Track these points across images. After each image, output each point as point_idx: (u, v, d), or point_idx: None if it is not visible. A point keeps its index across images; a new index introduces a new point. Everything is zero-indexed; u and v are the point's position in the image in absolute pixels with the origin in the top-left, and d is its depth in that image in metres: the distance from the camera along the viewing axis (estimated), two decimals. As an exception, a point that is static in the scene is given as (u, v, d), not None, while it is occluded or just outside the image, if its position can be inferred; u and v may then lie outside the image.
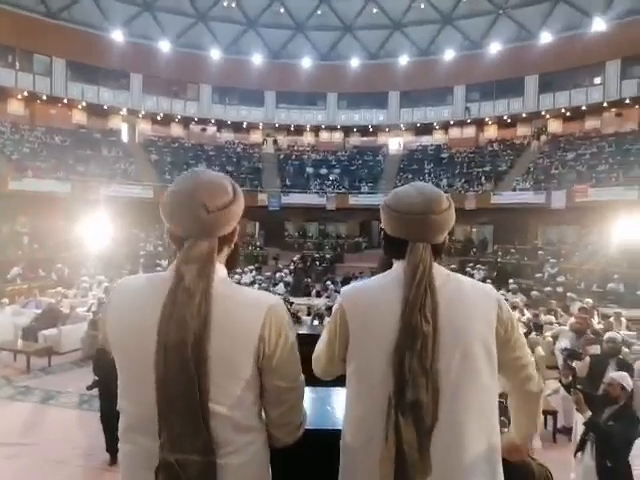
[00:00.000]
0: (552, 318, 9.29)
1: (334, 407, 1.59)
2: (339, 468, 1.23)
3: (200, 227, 1.06)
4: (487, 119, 25.30)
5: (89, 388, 5.15)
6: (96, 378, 5.00)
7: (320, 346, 1.33)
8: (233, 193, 1.11)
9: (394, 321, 1.11)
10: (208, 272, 1.03)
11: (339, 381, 1.35)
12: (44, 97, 22.47)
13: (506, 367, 1.22)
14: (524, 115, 24.11)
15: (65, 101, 23.19)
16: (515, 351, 1.21)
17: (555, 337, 7.90)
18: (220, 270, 1.10)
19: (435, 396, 1.08)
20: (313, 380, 1.39)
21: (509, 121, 25.00)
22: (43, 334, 8.26)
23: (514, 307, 9.99)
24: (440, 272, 1.19)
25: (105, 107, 24.30)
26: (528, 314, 9.55)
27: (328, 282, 14.43)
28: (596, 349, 4.96)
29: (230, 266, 1.17)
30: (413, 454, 1.05)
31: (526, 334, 5.71)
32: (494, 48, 23.89)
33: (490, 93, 24.63)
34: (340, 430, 1.25)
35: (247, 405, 1.07)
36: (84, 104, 23.78)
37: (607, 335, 5.04)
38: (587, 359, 4.66)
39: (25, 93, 21.96)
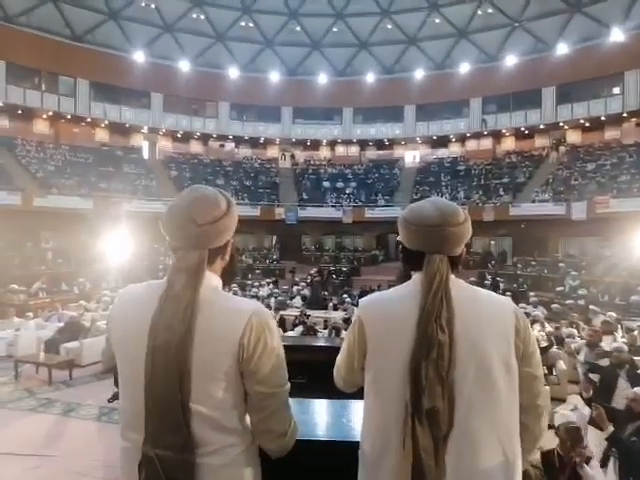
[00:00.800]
0: (574, 331, 9.09)
1: (350, 419, 1.59)
2: (357, 479, 1.24)
3: (190, 240, 1.14)
4: (504, 131, 25.15)
5: (110, 400, 5.22)
6: (116, 390, 5.11)
7: (340, 357, 1.36)
8: (226, 208, 1.19)
9: (411, 331, 1.14)
10: (196, 281, 1.11)
11: (354, 394, 1.37)
12: (68, 117, 23.18)
13: (519, 380, 1.22)
14: (542, 126, 23.88)
15: (88, 120, 23.86)
16: (530, 366, 1.22)
17: (577, 351, 7.72)
18: (211, 279, 1.17)
19: (451, 404, 1.10)
20: (330, 392, 1.40)
21: (527, 132, 24.81)
22: (65, 347, 8.41)
23: (535, 320, 9.83)
24: (457, 283, 1.21)
25: (127, 125, 24.92)
26: (549, 327, 9.38)
27: (345, 295, 14.42)
28: (605, 362, 4.84)
29: (227, 277, 1.24)
30: (429, 461, 1.07)
31: (547, 347, 5.60)
32: (510, 60, 23.84)
33: (507, 105, 24.51)
34: (357, 442, 1.26)
35: (228, 407, 1.11)
36: (107, 123, 24.44)
37: (613, 345, 4.92)
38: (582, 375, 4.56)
39: (50, 113, 22.68)
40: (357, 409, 1.45)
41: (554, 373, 6.53)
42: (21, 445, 4.17)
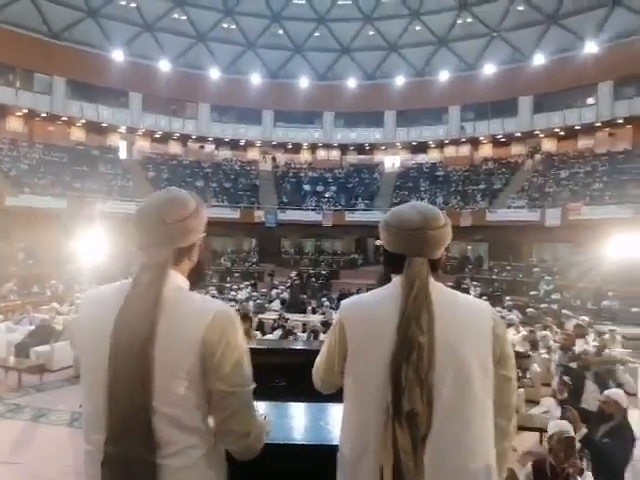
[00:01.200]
0: (548, 334, 9.28)
1: (328, 422, 1.58)
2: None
3: (157, 237, 1.15)
4: (482, 138, 25.62)
5: (82, 405, 5.12)
6: None
7: (319, 358, 1.35)
8: (195, 209, 1.20)
9: (391, 333, 1.14)
10: (161, 279, 1.12)
11: (333, 396, 1.36)
12: (43, 115, 22.66)
13: (494, 382, 1.23)
14: (518, 134, 24.43)
15: (64, 119, 23.38)
16: (506, 368, 1.24)
17: (549, 352, 7.87)
18: (177, 279, 1.17)
19: (429, 406, 1.10)
20: (309, 395, 1.39)
21: (504, 140, 25.34)
22: (35, 351, 8.15)
23: (510, 324, 10.01)
24: (436, 287, 1.22)
25: (104, 125, 24.52)
26: (524, 331, 9.54)
27: (324, 299, 14.41)
28: (574, 364, 4.96)
29: (194, 279, 1.24)
30: (408, 461, 1.07)
31: (525, 355, 5.69)
32: (488, 69, 24.34)
33: (485, 113, 24.99)
34: (335, 445, 1.26)
35: (191, 406, 1.10)
36: (83, 122, 24.00)
37: (581, 349, 5.05)
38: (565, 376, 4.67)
39: (25, 111, 22.15)
40: (336, 412, 1.44)
41: (528, 376, 6.65)
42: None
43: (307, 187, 26.25)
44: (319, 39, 26.96)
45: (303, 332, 9.57)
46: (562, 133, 23.47)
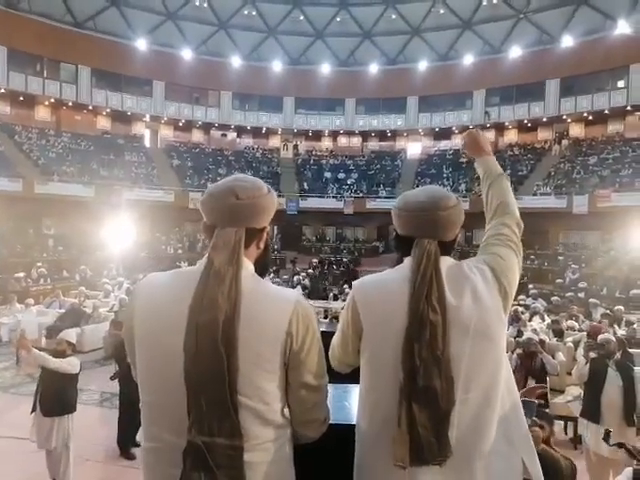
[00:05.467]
0: (575, 324, 9.13)
1: (350, 403, 1.61)
2: (354, 459, 1.25)
3: (229, 213, 1.11)
4: (507, 123, 25.05)
5: (112, 378, 5.34)
6: (118, 369, 5.23)
7: (335, 338, 1.36)
8: (267, 191, 1.18)
9: (403, 312, 1.14)
10: (236, 258, 1.07)
11: (356, 378, 1.37)
12: (70, 104, 23.07)
13: None
14: (545, 119, 23.79)
15: (90, 107, 23.77)
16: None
17: (577, 343, 7.76)
18: (248, 265, 1.12)
19: (449, 383, 1.10)
20: (332, 377, 1.41)
21: (530, 125, 24.72)
22: (66, 333, 8.45)
23: (535, 313, 9.89)
24: (444, 262, 1.21)
25: (128, 113, 24.82)
26: (548, 320, 9.42)
27: (345, 286, 14.45)
28: (595, 354, 4.88)
29: (259, 269, 1.17)
30: (429, 438, 1.07)
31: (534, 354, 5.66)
32: (514, 52, 23.68)
33: (510, 97, 24.39)
34: (354, 425, 1.27)
35: (273, 400, 1.06)
36: (108, 110, 24.36)
37: (600, 338, 4.96)
38: (586, 365, 4.59)
39: (52, 100, 22.60)
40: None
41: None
42: (24, 429, 4.22)
43: (328, 174, 26.19)
44: (340, 24, 26.63)
45: (325, 318, 9.64)
46: (590, 117, 22.73)
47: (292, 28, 26.64)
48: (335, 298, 13.19)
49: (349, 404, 1.61)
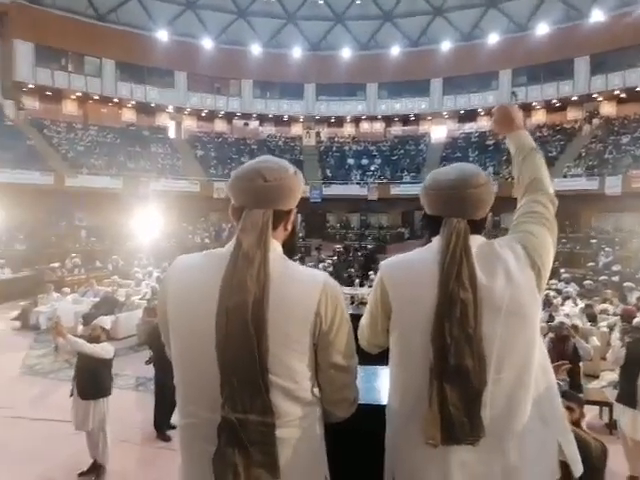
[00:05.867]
0: (608, 308, 8.91)
1: (379, 384, 1.61)
2: (385, 440, 1.25)
3: (256, 195, 1.12)
4: (535, 103, 24.31)
5: (147, 362, 5.51)
6: (152, 354, 5.40)
7: (363, 319, 1.36)
8: (293, 172, 1.18)
9: (433, 291, 1.13)
10: (265, 240, 1.08)
11: (384, 361, 1.37)
12: (96, 97, 23.51)
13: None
14: (575, 98, 23.02)
15: (115, 100, 24.18)
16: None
17: (611, 327, 7.59)
18: (276, 246, 1.13)
19: (481, 361, 1.08)
20: (362, 358, 1.42)
21: (558, 105, 23.95)
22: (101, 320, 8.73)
23: (567, 297, 9.69)
24: (475, 241, 1.19)
25: (152, 105, 25.12)
26: (581, 304, 9.23)
27: (370, 272, 14.42)
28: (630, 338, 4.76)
29: (287, 251, 1.18)
30: (461, 417, 1.07)
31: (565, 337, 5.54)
32: (541, 29, 22.89)
33: (538, 76, 23.65)
34: (384, 406, 1.27)
35: (302, 379, 1.08)
36: (133, 103, 24.70)
37: (635, 321, 4.83)
38: (622, 349, 4.49)
39: (78, 94, 23.05)
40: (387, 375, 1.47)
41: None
42: (64, 412, 4.41)
43: (351, 161, 26.03)
44: (360, 7, 26.19)
45: (351, 304, 9.67)
46: (623, 95, 21.85)
47: (311, 13, 26.37)
48: (361, 284, 13.19)
49: (378, 385, 1.62)
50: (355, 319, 1.27)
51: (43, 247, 15.69)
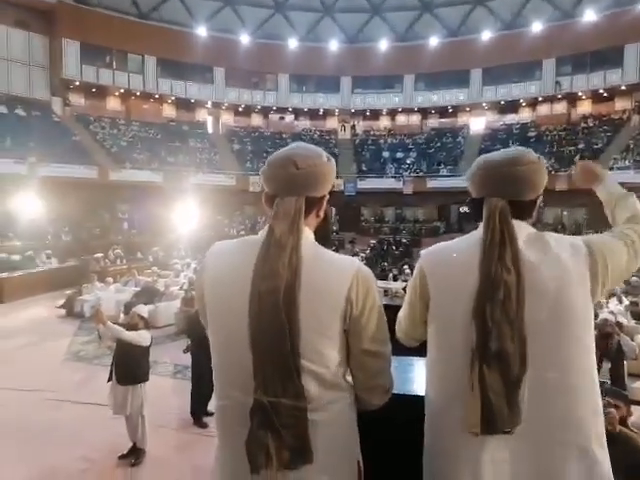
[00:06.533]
0: (655, 305, 8.53)
1: (416, 375, 1.58)
2: (423, 430, 1.23)
3: (289, 182, 1.11)
4: (580, 93, 23.37)
5: (185, 351, 5.66)
6: (189, 343, 5.54)
7: (402, 311, 1.34)
8: (326, 159, 1.16)
9: (474, 275, 1.10)
10: (297, 227, 1.08)
11: (420, 352, 1.35)
12: (138, 93, 24.21)
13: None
14: (623, 87, 21.97)
15: (156, 96, 24.82)
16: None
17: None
18: (308, 233, 1.13)
19: (522, 346, 1.05)
20: (397, 349, 1.38)
21: (606, 95, 22.91)
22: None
23: (612, 294, 9.31)
24: (524, 229, 1.16)
25: (192, 101, 25.64)
26: (626, 301, 8.87)
27: (405, 266, 14.30)
28: None
29: (320, 238, 1.17)
30: (501, 404, 1.04)
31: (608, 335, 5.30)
32: (588, 16, 21.88)
33: (584, 65, 22.68)
34: (421, 397, 1.26)
35: (333, 364, 1.07)
36: (173, 99, 25.30)
37: None
38: None
39: (121, 90, 23.79)
40: (422, 366, 1.46)
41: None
42: (106, 397, 4.59)
43: (386, 154, 25.76)
44: (398, -2, 25.82)
45: (384, 297, 9.64)
46: (677, 83, 20.72)
47: (348, 5, 26.16)
48: (395, 278, 13.10)
49: (414, 376, 1.61)
50: (389, 310, 1.27)
51: (87, 239, 16.38)
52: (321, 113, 27.87)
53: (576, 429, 1.07)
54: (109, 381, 4.48)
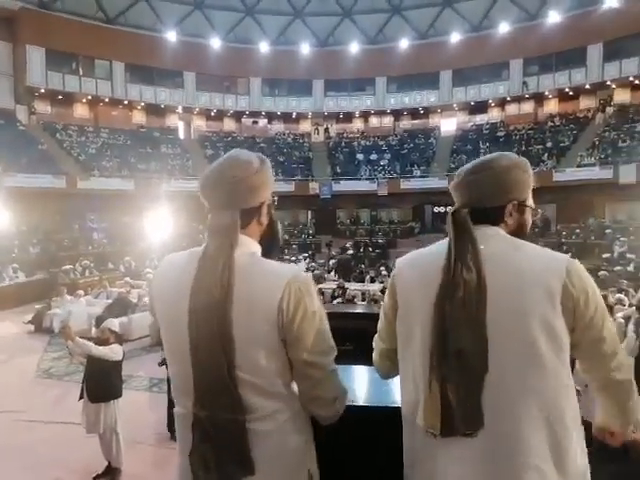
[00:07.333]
0: (624, 298, 8.73)
1: (394, 386, 1.58)
2: (389, 440, 1.23)
3: (221, 198, 1.13)
4: (547, 93, 23.97)
5: (160, 364, 5.52)
6: (164, 356, 5.39)
7: (379, 323, 1.31)
8: (258, 167, 1.16)
9: (438, 278, 1.09)
10: (230, 242, 1.08)
11: None
12: (106, 100, 23.69)
13: (584, 351, 1.11)
14: (587, 86, 22.61)
15: (125, 102, 24.33)
16: (591, 330, 1.08)
17: (627, 318, 7.44)
18: (248, 244, 1.13)
19: (483, 345, 1.03)
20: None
21: (571, 94, 23.54)
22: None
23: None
24: (490, 234, 1.13)
25: (162, 106, 25.26)
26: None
27: (382, 268, 14.37)
28: None
29: (267, 246, 1.19)
30: (460, 404, 1.03)
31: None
32: (553, 17, 22.47)
33: (550, 65, 23.27)
34: (392, 407, 1.26)
35: (272, 374, 1.07)
36: (143, 104, 24.85)
37: None
38: (637, 340, 4.39)
39: (89, 97, 23.25)
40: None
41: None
42: (79, 415, 4.43)
43: (360, 156, 25.90)
44: (368, 0, 26.00)
45: (363, 301, 9.64)
46: (637, 82, 21.40)
47: (319, 9, 26.26)
48: (372, 280, 13.15)
49: (393, 388, 1.58)
50: (365, 318, 1.25)
51: (56, 250, 15.91)
52: (294, 117, 27.85)
53: (536, 438, 1.02)
54: (80, 399, 4.34)
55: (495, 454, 1.03)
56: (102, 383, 4.29)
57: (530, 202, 1.22)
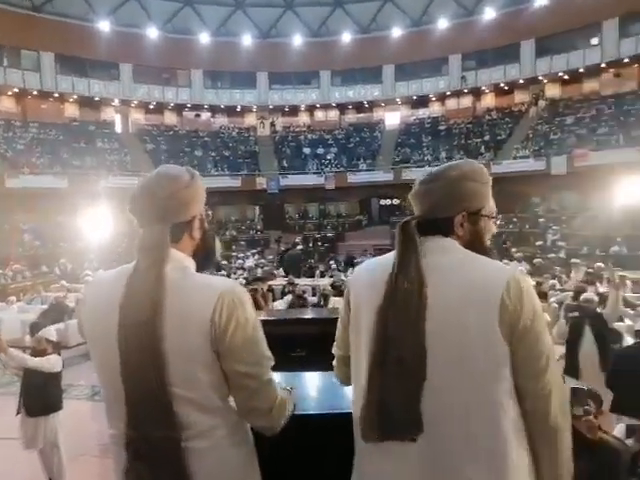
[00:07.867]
0: (556, 284, 9.27)
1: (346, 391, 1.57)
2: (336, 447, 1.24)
3: (151, 215, 1.12)
4: (484, 87, 24.93)
5: None
6: None
7: (337, 331, 1.32)
8: (187, 182, 1.15)
9: (384, 286, 1.10)
10: (161, 258, 1.08)
11: None
12: (35, 92, 22.25)
13: (516, 369, 1.05)
14: (521, 81, 23.73)
15: (56, 95, 22.97)
16: (525, 344, 1.04)
17: (560, 303, 7.89)
18: (180, 259, 1.12)
19: (422, 354, 1.02)
20: (328, 365, 1.39)
21: (506, 88, 24.63)
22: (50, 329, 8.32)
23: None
24: (439, 245, 1.12)
25: (97, 99, 24.06)
26: (532, 282, 9.54)
27: (331, 262, 14.46)
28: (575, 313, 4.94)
29: (201, 260, 1.19)
30: (397, 408, 1.03)
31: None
32: (489, 14, 23.37)
33: (486, 60, 24.21)
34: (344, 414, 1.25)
35: (206, 388, 1.07)
36: (75, 97, 23.57)
37: (582, 296, 5.00)
38: (567, 325, 4.69)
39: (15, 90, 21.75)
40: None
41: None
42: (17, 429, 4.15)
43: (307, 150, 25.89)
44: (311, -7, 25.93)
45: (313, 296, 9.64)
46: (566, 77, 22.74)
47: (260, 0, 25.83)
48: (322, 275, 13.17)
49: (344, 394, 1.56)
50: (317, 323, 1.23)
51: (-16, 254, 14.78)
52: (239, 110, 27.36)
53: (472, 449, 1.02)
54: (18, 414, 4.06)
55: (434, 461, 1.03)
56: (40, 396, 4.05)
57: (487, 211, 1.22)
